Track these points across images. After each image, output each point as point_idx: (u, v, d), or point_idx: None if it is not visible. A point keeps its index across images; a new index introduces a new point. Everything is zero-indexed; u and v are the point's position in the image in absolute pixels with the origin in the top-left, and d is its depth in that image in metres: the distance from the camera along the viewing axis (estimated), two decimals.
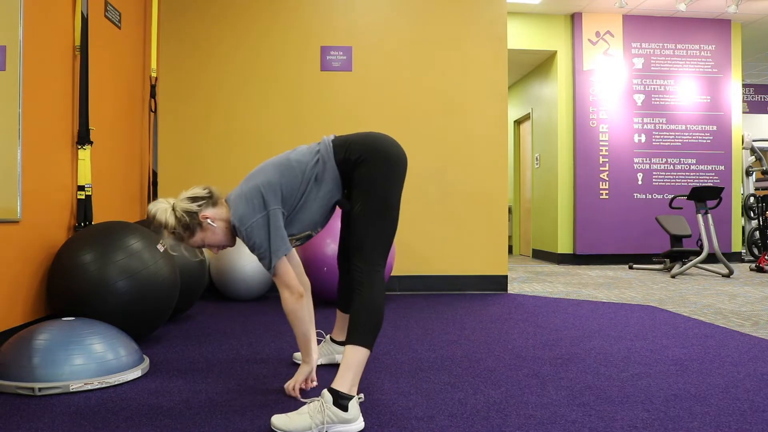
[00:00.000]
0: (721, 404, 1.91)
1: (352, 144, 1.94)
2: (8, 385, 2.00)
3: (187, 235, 1.92)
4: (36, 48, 2.79)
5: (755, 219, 7.73)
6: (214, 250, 2.01)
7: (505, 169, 4.78)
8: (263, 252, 1.86)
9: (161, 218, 1.89)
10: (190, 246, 1.97)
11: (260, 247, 1.86)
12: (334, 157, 1.95)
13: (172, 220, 1.89)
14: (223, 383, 2.14)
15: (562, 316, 3.58)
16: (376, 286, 1.80)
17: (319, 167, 1.95)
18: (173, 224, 1.89)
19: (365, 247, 1.83)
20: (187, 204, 1.91)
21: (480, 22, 4.77)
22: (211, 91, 4.61)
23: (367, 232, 1.84)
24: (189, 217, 1.89)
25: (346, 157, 1.93)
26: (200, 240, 1.95)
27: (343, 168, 1.94)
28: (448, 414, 1.81)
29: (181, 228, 1.90)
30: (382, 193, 1.89)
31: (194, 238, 1.94)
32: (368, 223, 1.85)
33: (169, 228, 1.90)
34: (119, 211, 3.82)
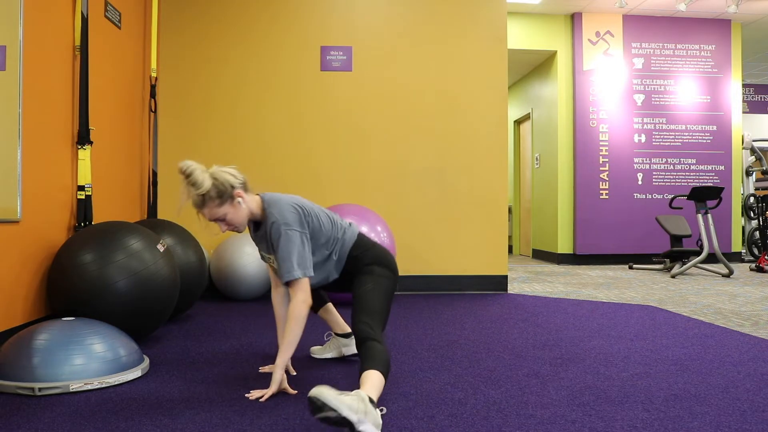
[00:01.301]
0: (721, 404, 1.91)
1: (370, 251, 2.20)
2: (8, 385, 2.00)
3: (215, 203, 2.00)
4: (36, 48, 2.79)
5: (755, 219, 7.73)
6: (223, 227, 2.07)
7: (505, 169, 4.79)
8: (299, 259, 1.99)
9: (199, 177, 1.97)
10: (208, 214, 2.02)
11: (297, 254, 2.00)
12: (352, 248, 2.19)
13: (209, 183, 1.98)
14: (223, 383, 2.14)
15: (562, 316, 3.58)
16: (385, 342, 1.91)
17: (337, 244, 2.18)
18: (208, 187, 1.97)
19: (380, 317, 2.00)
20: (229, 176, 2.03)
21: (480, 22, 4.77)
22: (211, 91, 4.61)
23: (382, 307, 2.04)
24: (227, 186, 2.00)
25: (359, 256, 2.18)
26: (223, 213, 2.02)
27: (351, 262, 2.18)
28: (448, 414, 1.81)
29: (216, 193, 1.99)
30: (392, 286, 2.15)
31: (220, 209, 2.01)
32: (383, 300, 2.06)
33: (202, 189, 1.97)
34: (119, 211, 3.82)
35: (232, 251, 4.09)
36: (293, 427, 1.70)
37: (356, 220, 4.01)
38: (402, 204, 4.70)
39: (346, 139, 4.68)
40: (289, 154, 4.65)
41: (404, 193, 4.71)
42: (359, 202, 4.63)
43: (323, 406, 1.51)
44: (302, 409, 1.84)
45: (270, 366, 2.25)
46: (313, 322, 3.36)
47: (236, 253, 4.07)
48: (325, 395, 1.54)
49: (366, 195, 4.67)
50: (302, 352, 2.62)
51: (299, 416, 1.78)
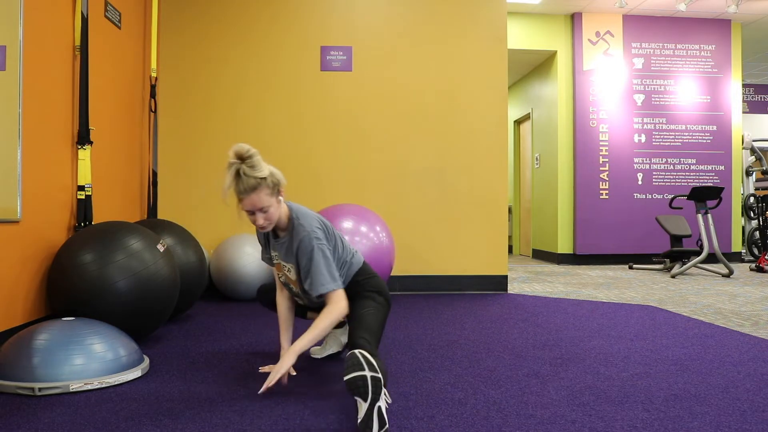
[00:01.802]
0: (721, 404, 1.91)
1: (373, 279, 2.27)
2: (8, 385, 2.00)
3: (267, 192, 2.02)
4: (36, 48, 2.79)
5: (755, 219, 7.73)
6: (261, 220, 2.06)
7: (505, 169, 4.79)
8: (332, 273, 2.07)
9: (260, 161, 2.01)
10: (256, 201, 2.01)
11: (328, 266, 2.07)
12: (356, 274, 2.26)
13: (267, 170, 2.02)
14: (223, 383, 2.14)
15: (562, 316, 3.58)
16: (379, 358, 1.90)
17: (345, 268, 2.24)
18: (268, 174, 2.01)
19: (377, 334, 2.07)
20: (281, 177, 2.09)
21: (480, 22, 4.77)
22: (212, 91, 4.61)
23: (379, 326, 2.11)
24: (279, 181, 2.06)
25: (361, 282, 2.24)
26: (269, 203, 2.04)
27: (354, 286, 2.23)
28: (448, 414, 1.81)
29: (271, 182, 2.02)
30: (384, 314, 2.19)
31: (269, 199, 2.03)
32: (380, 320, 2.13)
33: (263, 173, 1.99)
34: (119, 211, 3.82)
35: (232, 251, 4.09)
36: (293, 427, 1.70)
37: (356, 220, 4.02)
38: (402, 204, 4.70)
39: (346, 139, 4.68)
40: (289, 154, 4.65)
41: (404, 193, 4.71)
42: (359, 201, 4.63)
43: (360, 364, 1.60)
44: (302, 409, 1.84)
45: (269, 366, 2.25)
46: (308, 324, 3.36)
47: (236, 253, 4.07)
48: (367, 355, 1.63)
49: (366, 195, 4.67)
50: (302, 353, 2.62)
51: (299, 416, 1.79)
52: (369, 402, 1.57)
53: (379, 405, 1.57)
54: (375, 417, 1.56)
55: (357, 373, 1.59)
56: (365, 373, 1.58)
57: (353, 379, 1.59)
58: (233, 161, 1.98)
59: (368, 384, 1.58)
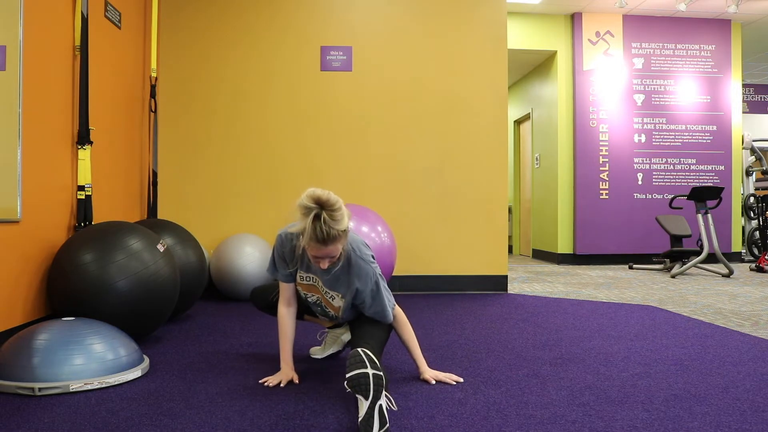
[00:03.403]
0: (721, 404, 1.91)
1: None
2: (8, 385, 2.00)
3: (345, 240, 1.94)
4: (36, 48, 2.79)
5: (755, 219, 7.72)
6: (326, 263, 1.97)
7: (505, 169, 4.79)
8: (389, 296, 2.12)
9: (345, 213, 1.87)
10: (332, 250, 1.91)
11: (386, 296, 2.10)
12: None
13: (348, 219, 1.89)
14: (223, 383, 2.14)
15: (562, 316, 3.58)
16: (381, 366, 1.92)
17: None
18: (347, 222, 1.89)
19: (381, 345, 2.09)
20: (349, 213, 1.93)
21: (480, 22, 4.77)
22: (211, 91, 4.61)
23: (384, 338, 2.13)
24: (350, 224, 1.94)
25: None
26: (338, 250, 1.94)
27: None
28: (448, 414, 1.81)
29: (348, 229, 1.93)
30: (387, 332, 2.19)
31: (340, 244, 1.93)
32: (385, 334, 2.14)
33: (345, 225, 1.88)
34: (119, 211, 3.82)
35: (232, 251, 4.09)
36: (293, 427, 1.70)
37: (357, 220, 4.02)
38: (402, 204, 4.70)
39: (346, 138, 4.68)
40: (289, 153, 4.64)
41: (404, 193, 4.71)
42: (359, 201, 4.63)
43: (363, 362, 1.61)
44: (302, 410, 1.84)
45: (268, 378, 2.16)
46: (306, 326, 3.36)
47: (236, 253, 4.07)
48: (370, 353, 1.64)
49: (366, 195, 4.67)
50: (302, 353, 2.62)
51: (299, 416, 1.79)
52: (370, 400, 1.57)
53: (380, 404, 1.57)
54: (376, 415, 1.56)
55: (359, 370, 1.59)
56: (367, 371, 1.59)
57: (355, 376, 1.59)
58: (312, 206, 1.84)
59: (370, 381, 1.58)
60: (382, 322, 2.16)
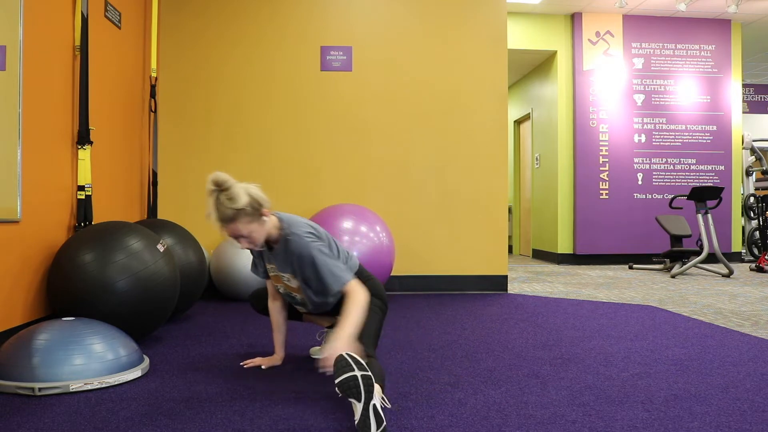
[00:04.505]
0: (721, 404, 1.91)
1: (369, 281, 2.25)
2: (8, 385, 2.00)
3: (247, 219, 2.02)
4: (36, 48, 2.79)
5: (755, 219, 7.73)
6: (244, 243, 2.09)
7: (505, 169, 4.79)
8: (340, 265, 2.09)
9: (236, 192, 1.99)
10: (233, 230, 2.03)
11: (335, 261, 2.08)
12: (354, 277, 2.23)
13: (246, 198, 2.00)
14: (223, 383, 2.14)
15: (562, 316, 3.58)
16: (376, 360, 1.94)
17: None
18: (245, 203, 1.99)
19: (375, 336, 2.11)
20: (261, 194, 2.06)
21: (480, 22, 4.77)
22: (211, 91, 4.61)
23: (377, 327, 2.15)
24: (260, 204, 2.03)
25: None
26: (250, 230, 2.04)
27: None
28: (448, 414, 1.81)
29: (250, 209, 2.01)
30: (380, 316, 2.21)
31: (249, 225, 2.03)
32: (378, 323, 2.16)
33: (239, 204, 1.98)
34: (119, 211, 3.82)
35: (232, 251, 4.09)
36: (293, 427, 1.70)
37: (356, 220, 4.02)
38: (402, 204, 4.70)
39: (346, 138, 4.68)
40: (289, 154, 4.65)
41: (404, 193, 4.71)
42: (359, 201, 4.63)
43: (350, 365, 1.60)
44: (302, 410, 1.84)
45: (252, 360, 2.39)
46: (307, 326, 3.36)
47: (236, 253, 4.07)
48: (355, 355, 1.63)
49: (366, 195, 4.67)
50: (302, 353, 2.62)
51: (299, 416, 1.79)
52: (363, 401, 1.56)
53: (374, 403, 1.57)
54: (371, 415, 1.56)
55: (347, 374, 1.58)
56: (355, 373, 1.58)
57: (344, 380, 1.58)
58: (212, 189, 2.00)
59: (360, 384, 1.57)
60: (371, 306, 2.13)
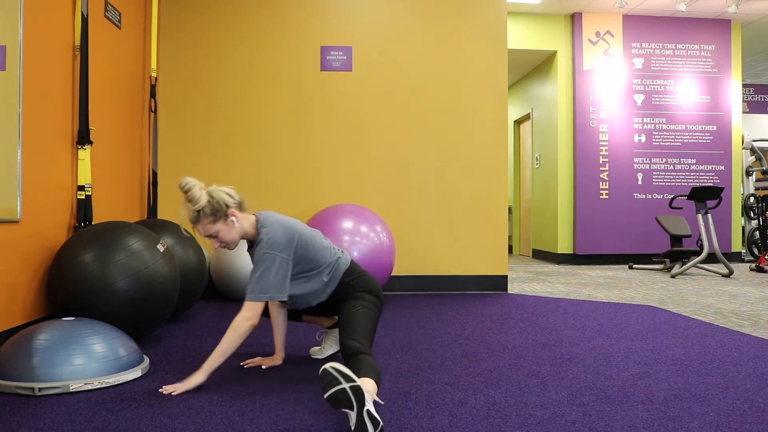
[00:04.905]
0: (721, 404, 1.91)
1: (362, 278, 2.27)
2: (8, 385, 2.00)
3: (209, 220, 2.08)
4: (36, 48, 2.79)
5: (755, 219, 7.73)
6: (216, 243, 2.15)
7: (505, 169, 4.79)
8: (264, 283, 2.06)
9: (196, 194, 2.05)
10: (201, 230, 2.11)
11: (266, 277, 2.06)
12: (344, 275, 2.25)
13: (204, 200, 2.06)
14: (223, 383, 2.14)
15: (562, 316, 3.58)
16: (373, 355, 1.93)
17: (330, 269, 2.23)
18: (204, 204, 2.06)
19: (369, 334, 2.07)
20: (225, 195, 2.10)
21: (480, 22, 4.77)
22: (211, 91, 4.61)
23: (371, 325, 2.12)
24: (222, 205, 2.08)
25: (351, 283, 2.24)
26: (216, 230, 2.11)
27: (343, 288, 2.24)
28: (448, 414, 1.81)
29: (210, 210, 2.07)
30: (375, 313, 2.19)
31: (213, 226, 2.10)
32: (372, 320, 2.14)
33: (198, 205, 2.05)
34: (119, 211, 3.82)
35: (232, 252, 4.09)
36: (293, 427, 1.70)
37: (356, 220, 4.02)
38: (402, 204, 4.70)
39: (346, 139, 4.68)
40: (289, 153, 4.65)
41: (404, 193, 4.71)
42: (359, 201, 4.63)
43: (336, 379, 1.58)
44: (302, 410, 1.84)
45: (252, 360, 2.41)
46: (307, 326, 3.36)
47: (236, 253, 4.07)
48: (339, 367, 1.60)
49: (366, 195, 4.67)
50: (302, 353, 2.63)
51: (299, 416, 1.79)
52: (356, 410, 1.56)
53: (367, 408, 1.56)
54: (367, 420, 1.56)
55: (335, 388, 1.57)
56: (344, 386, 1.56)
57: (334, 394, 1.57)
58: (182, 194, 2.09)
59: (350, 395, 1.56)
60: (362, 301, 2.17)
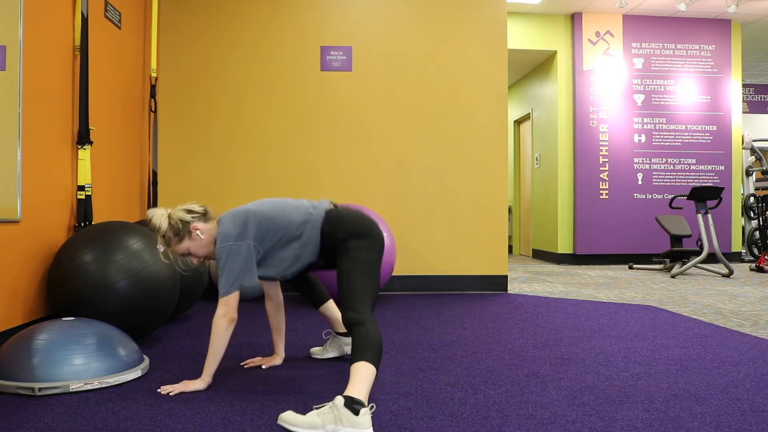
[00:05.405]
0: (721, 404, 1.91)
1: (344, 223, 2.12)
2: (8, 385, 2.00)
3: (175, 241, 2.14)
4: (36, 48, 2.79)
5: (755, 219, 7.73)
6: (194, 260, 2.20)
7: (505, 169, 4.79)
8: (229, 275, 2.04)
9: (156, 222, 2.12)
10: (175, 252, 2.17)
11: (228, 270, 2.04)
12: (322, 227, 2.13)
13: (165, 225, 2.12)
14: (222, 383, 2.14)
15: (562, 316, 3.58)
16: (374, 324, 1.85)
17: (304, 227, 2.13)
18: (165, 229, 2.12)
19: (365, 298, 1.94)
20: (182, 213, 2.14)
21: (480, 22, 4.77)
22: (211, 91, 4.61)
23: (366, 287, 1.97)
24: (181, 224, 2.12)
25: (333, 233, 2.11)
26: (185, 248, 2.16)
27: (326, 240, 2.12)
28: (448, 414, 1.81)
29: (172, 233, 2.12)
30: (375, 262, 2.06)
31: (181, 245, 2.15)
32: (365, 280, 1.98)
33: (161, 232, 2.12)
34: (119, 211, 3.82)
35: None
36: None
37: None
38: (402, 204, 4.70)
39: (346, 139, 4.68)
40: (289, 153, 4.65)
41: (404, 193, 4.71)
42: (359, 201, 4.63)
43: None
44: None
45: (252, 360, 2.42)
46: (311, 321, 3.36)
47: None
48: (285, 419, 1.60)
49: (366, 195, 4.66)
50: (302, 353, 2.62)
51: None
52: None
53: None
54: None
55: None
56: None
57: None
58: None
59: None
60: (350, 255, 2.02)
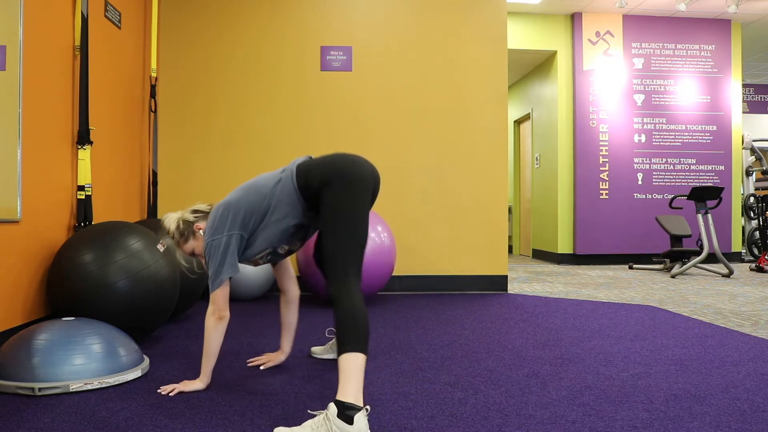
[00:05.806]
0: (721, 404, 1.91)
1: (313, 170, 1.97)
2: (8, 385, 2.00)
3: (181, 241, 2.22)
4: (36, 48, 2.79)
5: (755, 219, 7.73)
6: (201, 259, 2.23)
7: (505, 169, 4.79)
8: (213, 270, 2.05)
9: (166, 225, 2.22)
10: (183, 252, 2.24)
11: (211, 267, 2.05)
12: (296, 182, 2.00)
13: (173, 226, 2.21)
14: (223, 383, 2.14)
15: (562, 316, 3.58)
16: (351, 294, 1.74)
17: (277, 189, 2.02)
18: (173, 230, 2.21)
19: (337, 264, 1.79)
20: (188, 214, 2.22)
21: (480, 22, 4.77)
22: (212, 90, 4.61)
23: (337, 249, 1.81)
24: (185, 225, 2.20)
25: (307, 183, 1.97)
26: (191, 248, 2.23)
27: (306, 193, 1.98)
28: (448, 414, 1.81)
29: (178, 234, 2.20)
30: (347, 211, 1.86)
31: (187, 245, 2.22)
32: (336, 240, 1.82)
33: (170, 233, 2.22)
34: (119, 211, 3.82)
35: None
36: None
37: None
38: (402, 204, 4.70)
39: (346, 138, 4.68)
40: (289, 153, 4.64)
41: (404, 193, 4.71)
42: None
43: None
44: (302, 410, 1.85)
45: (258, 358, 2.44)
46: (311, 320, 3.36)
47: None
48: None
49: None
50: (303, 353, 2.62)
51: (299, 417, 1.79)
52: None
53: None
54: None
55: None
56: None
57: None
58: None
59: None
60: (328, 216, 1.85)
